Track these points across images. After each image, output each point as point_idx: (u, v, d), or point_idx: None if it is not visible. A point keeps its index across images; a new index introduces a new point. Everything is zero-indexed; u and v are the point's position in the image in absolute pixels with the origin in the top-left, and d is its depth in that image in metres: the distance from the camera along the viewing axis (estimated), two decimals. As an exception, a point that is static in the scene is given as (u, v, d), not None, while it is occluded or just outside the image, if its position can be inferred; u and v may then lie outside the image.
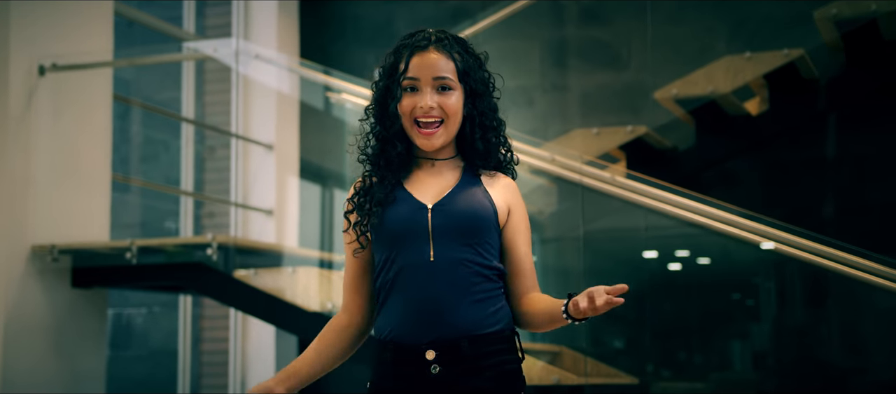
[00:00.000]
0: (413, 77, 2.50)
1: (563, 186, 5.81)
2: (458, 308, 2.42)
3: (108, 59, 6.00)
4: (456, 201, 2.49)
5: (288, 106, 7.24)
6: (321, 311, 5.23)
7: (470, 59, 2.55)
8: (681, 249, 5.94)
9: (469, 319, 2.43)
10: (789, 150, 6.22)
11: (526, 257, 2.54)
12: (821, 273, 5.29)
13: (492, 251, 2.49)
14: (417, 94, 2.50)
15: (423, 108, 2.49)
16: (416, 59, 2.50)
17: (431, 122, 2.50)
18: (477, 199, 2.50)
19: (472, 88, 2.53)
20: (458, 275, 2.44)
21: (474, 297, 2.44)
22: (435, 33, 2.54)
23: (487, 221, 2.49)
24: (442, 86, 2.50)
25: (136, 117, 7.72)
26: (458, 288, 2.43)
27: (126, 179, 7.41)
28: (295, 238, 7.09)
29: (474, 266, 2.45)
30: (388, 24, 7.40)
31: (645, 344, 6.14)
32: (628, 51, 6.74)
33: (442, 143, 2.52)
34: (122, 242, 5.55)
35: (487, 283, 2.47)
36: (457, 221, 2.46)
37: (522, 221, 2.56)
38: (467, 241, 2.46)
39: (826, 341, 5.77)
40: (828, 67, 6.12)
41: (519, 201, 2.57)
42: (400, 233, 2.47)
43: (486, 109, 2.55)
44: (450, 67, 2.51)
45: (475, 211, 2.48)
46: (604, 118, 6.65)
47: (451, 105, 2.50)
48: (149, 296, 7.77)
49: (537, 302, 2.51)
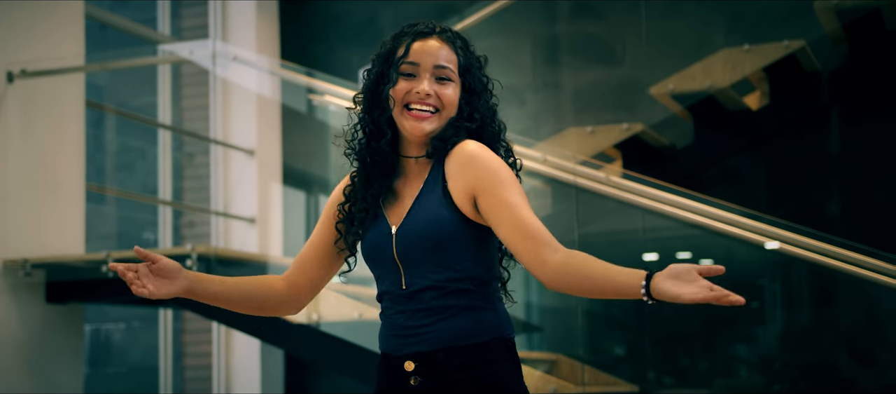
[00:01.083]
0: (413, 62, 2.47)
1: (557, 188, 5.80)
2: (433, 327, 2.42)
3: (79, 64, 5.97)
4: (415, 219, 2.44)
5: (269, 109, 7.22)
6: (307, 322, 5.21)
7: (471, 57, 2.53)
8: (681, 250, 5.93)
9: (446, 332, 2.41)
10: (792, 145, 6.22)
11: (521, 224, 2.34)
12: (827, 273, 5.29)
13: (467, 258, 2.43)
14: (414, 80, 2.47)
15: (419, 93, 2.44)
16: (418, 45, 2.48)
17: (425, 109, 2.46)
18: (434, 209, 2.43)
19: (469, 86, 2.50)
20: (431, 299, 2.42)
21: (451, 313, 2.42)
22: (439, 25, 2.53)
23: (446, 232, 2.41)
24: (441, 76, 2.47)
25: (110, 124, 7.69)
26: (432, 311, 2.42)
27: (101, 189, 7.38)
28: (279, 247, 7.07)
29: (448, 284, 2.42)
30: (371, 23, 7.38)
31: (645, 350, 6.13)
32: (622, 46, 6.73)
33: (431, 130, 2.46)
34: (98, 255, 5.52)
35: (465, 296, 2.43)
36: (416, 244, 2.42)
37: (496, 190, 2.36)
38: (434, 260, 2.42)
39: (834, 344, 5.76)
40: (830, 59, 6.12)
41: (479, 172, 2.38)
42: (374, 261, 2.50)
43: (479, 107, 2.51)
44: (452, 59, 2.48)
45: (430, 228, 2.41)
46: (598, 116, 6.64)
47: (449, 96, 2.47)
48: (127, 310, 7.74)
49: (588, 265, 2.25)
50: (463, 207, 2.41)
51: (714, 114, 6.19)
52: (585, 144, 6.27)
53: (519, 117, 6.62)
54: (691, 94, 6.12)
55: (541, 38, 6.99)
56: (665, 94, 6.14)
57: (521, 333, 6.20)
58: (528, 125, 6.66)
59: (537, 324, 6.39)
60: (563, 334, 6.23)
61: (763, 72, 6.04)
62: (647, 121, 6.30)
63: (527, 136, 6.21)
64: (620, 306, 6.16)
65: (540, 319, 6.39)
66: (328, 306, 5.26)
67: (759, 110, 6.19)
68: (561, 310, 6.28)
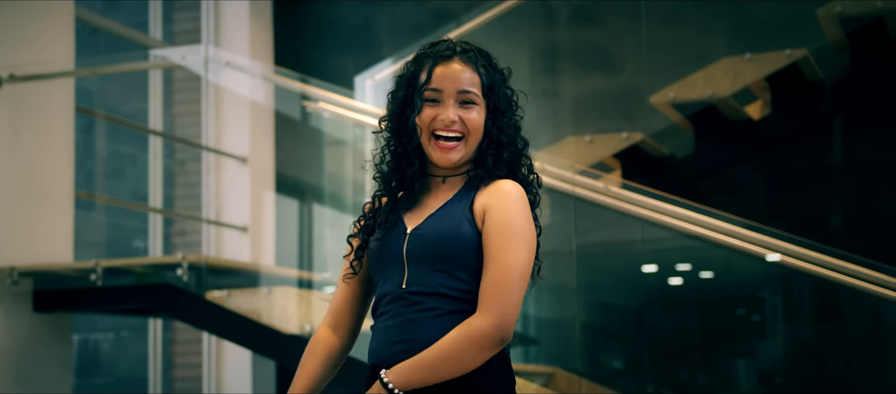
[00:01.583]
0: (436, 88, 2.49)
1: (555, 198, 5.80)
2: (421, 333, 2.42)
3: (69, 69, 5.96)
4: (433, 224, 2.47)
5: (262, 116, 7.21)
6: (300, 333, 5.20)
7: (495, 73, 2.54)
8: (681, 262, 5.92)
9: (431, 343, 2.41)
10: (794, 156, 6.22)
11: (490, 265, 2.40)
12: (830, 286, 5.29)
13: (472, 274, 2.45)
14: (439, 106, 2.49)
15: (444, 121, 2.48)
16: (440, 70, 2.50)
17: (451, 137, 2.49)
18: (454, 219, 2.47)
19: (495, 105, 2.52)
20: (428, 302, 2.43)
21: (443, 322, 2.42)
22: (460, 44, 2.54)
23: (461, 243, 2.44)
24: (465, 100, 2.49)
25: (100, 130, 7.68)
26: (425, 315, 2.43)
27: (90, 196, 7.37)
28: (271, 256, 7.06)
29: (447, 291, 2.43)
30: (367, 28, 7.38)
31: (644, 364, 6.12)
32: (622, 53, 6.73)
33: (459, 159, 2.50)
34: (86, 264, 5.51)
35: (461, 306, 2.43)
36: (429, 246, 2.45)
37: (495, 224, 2.43)
38: (441, 266, 2.44)
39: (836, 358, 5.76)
40: (833, 68, 6.13)
41: (498, 202, 2.44)
42: (379, 259, 2.52)
43: (504, 126, 2.53)
44: (475, 81, 2.50)
45: (447, 234, 2.45)
46: (597, 125, 6.65)
47: (474, 120, 2.49)
48: (116, 320, 7.73)
49: None
50: (477, 221, 2.46)
51: (715, 123, 6.19)
52: (584, 153, 6.27)
53: (516, 126, 6.61)
54: (692, 103, 6.13)
55: (539, 45, 7.00)
56: (665, 103, 6.14)
57: (518, 345, 6.20)
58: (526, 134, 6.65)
59: (534, 336, 6.38)
60: (561, 347, 6.23)
61: (765, 81, 6.05)
62: (646, 130, 6.30)
63: (524, 144, 6.20)
64: (619, 318, 6.15)
65: (537, 331, 6.38)
66: (321, 316, 5.24)
67: (760, 120, 6.20)
68: (558, 322, 6.27)
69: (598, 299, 6.10)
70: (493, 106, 2.52)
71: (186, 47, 7.02)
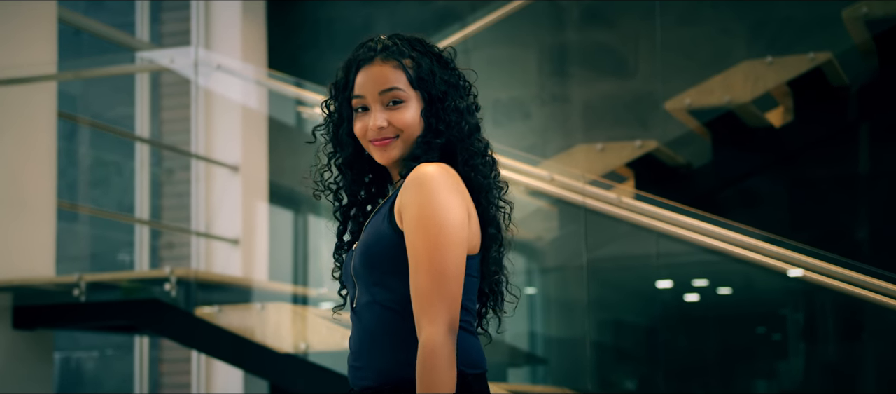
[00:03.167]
0: (359, 95, 2.50)
1: (564, 209, 5.80)
2: (372, 355, 2.42)
3: (51, 72, 5.98)
4: (365, 234, 2.49)
5: (255, 122, 7.22)
6: (295, 352, 5.20)
7: (426, 60, 2.50)
8: (697, 277, 5.93)
9: (385, 364, 2.40)
10: (817, 165, 6.23)
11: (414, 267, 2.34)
12: (855, 303, 5.28)
13: (402, 279, 2.39)
14: (368, 114, 2.50)
15: (372, 129, 2.48)
16: (361, 76, 2.50)
17: (385, 138, 2.49)
18: (377, 224, 2.47)
19: (430, 94, 2.49)
20: (369, 321, 2.44)
21: (388, 340, 2.41)
22: (383, 41, 2.51)
23: (381, 249, 2.42)
24: (392, 99, 2.48)
25: (84, 137, 7.70)
26: (371, 334, 2.43)
27: (73, 207, 7.38)
28: (264, 271, 7.07)
29: (383, 306, 2.42)
30: (366, 29, 7.39)
31: (658, 385, 6.12)
32: (636, 56, 6.74)
33: (398, 154, 2.49)
34: (69, 278, 5.52)
35: (403, 322, 2.40)
36: (359, 259, 2.46)
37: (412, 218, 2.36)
38: (371, 278, 2.44)
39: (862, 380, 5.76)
40: (859, 72, 6.14)
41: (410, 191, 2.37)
42: (345, 280, 2.58)
43: (442, 113, 2.49)
44: (399, 78, 2.48)
45: (369, 243, 2.45)
46: (609, 132, 6.65)
47: (404, 120, 2.47)
48: (100, 337, 7.73)
49: None
50: (398, 223, 2.42)
51: (734, 131, 6.20)
52: (595, 162, 6.28)
53: (524, 132, 6.63)
54: (709, 109, 6.13)
55: (548, 48, 7.01)
56: (681, 110, 6.15)
57: (525, 365, 6.20)
58: (534, 141, 6.67)
59: (542, 355, 6.38)
60: (570, 367, 6.23)
61: (787, 86, 6.05)
62: (661, 138, 6.30)
63: (532, 152, 6.22)
64: (632, 337, 6.15)
65: (545, 350, 6.39)
66: (317, 335, 5.26)
67: (782, 127, 6.20)
68: (568, 341, 6.28)
69: (609, 316, 6.10)
70: (429, 95, 2.49)
71: (175, 49, 7.03)
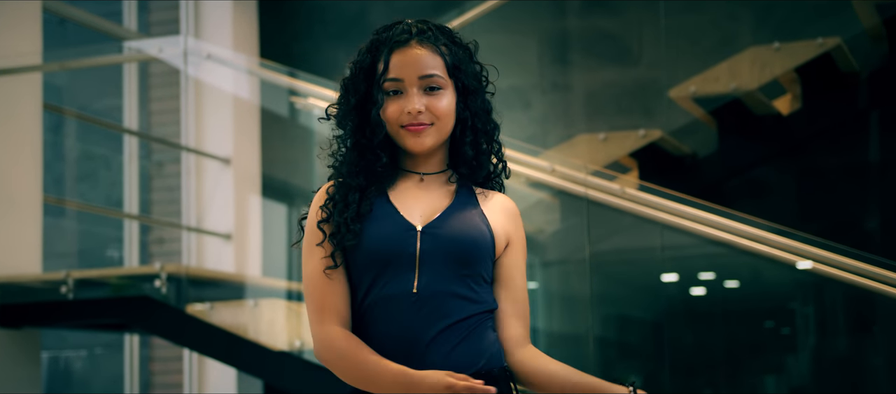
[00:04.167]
0: (396, 78, 2.47)
1: (567, 201, 5.80)
2: (440, 349, 2.40)
3: (37, 63, 5.98)
4: (449, 224, 2.46)
5: (247, 113, 7.22)
6: (289, 350, 5.20)
7: (459, 50, 2.52)
8: (704, 270, 5.93)
9: (453, 362, 2.39)
10: (826, 154, 6.23)
11: (523, 298, 2.55)
12: (866, 296, 5.29)
13: (485, 285, 2.48)
14: (403, 98, 2.47)
15: (411, 113, 2.45)
16: (397, 57, 2.47)
17: (420, 124, 2.47)
18: (473, 223, 2.48)
19: (463, 85, 2.51)
20: (444, 311, 2.41)
21: (460, 336, 2.42)
22: (415, 24, 2.51)
23: (483, 251, 2.47)
24: (430, 86, 2.47)
25: (70, 129, 7.70)
26: (441, 326, 2.41)
27: (60, 202, 7.38)
28: (257, 266, 7.07)
29: (463, 302, 2.43)
30: (360, 18, 7.39)
31: (664, 381, 6.13)
32: (639, 43, 6.74)
33: (433, 143, 2.48)
34: (56, 275, 5.52)
35: (476, 320, 2.45)
36: (449, 248, 2.43)
37: (521, 254, 2.58)
38: (459, 271, 2.43)
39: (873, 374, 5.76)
40: (869, 58, 6.14)
41: (519, 231, 2.58)
42: (382, 257, 2.44)
43: (477, 110, 2.52)
44: (437, 63, 2.48)
45: (472, 238, 2.46)
46: (612, 121, 6.65)
47: (442, 108, 2.47)
48: (89, 336, 7.74)
49: (547, 364, 2.53)
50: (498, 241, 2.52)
51: (740, 119, 6.20)
52: (598, 152, 6.28)
53: (524, 122, 6.64)
54: (715, 97, 6.14)
55: (549, 35, 7.01)
56: (686, 98, 6.15)
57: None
58: (535, 131, 6.67)
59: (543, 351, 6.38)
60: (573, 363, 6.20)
61: (795, 72, 6.06)
62: (666, 127, 6.31)
63: (533, 143, 6.22)
64: (636, 332, 6.16)
65: (546, 346, 6.39)
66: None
67: (790, 115, 6.21)
68: (570, 336, 6.28)
69: (613, 310, 6.10)
70: (462, 86, 2.51)
71: (164, 39, 7.02)
